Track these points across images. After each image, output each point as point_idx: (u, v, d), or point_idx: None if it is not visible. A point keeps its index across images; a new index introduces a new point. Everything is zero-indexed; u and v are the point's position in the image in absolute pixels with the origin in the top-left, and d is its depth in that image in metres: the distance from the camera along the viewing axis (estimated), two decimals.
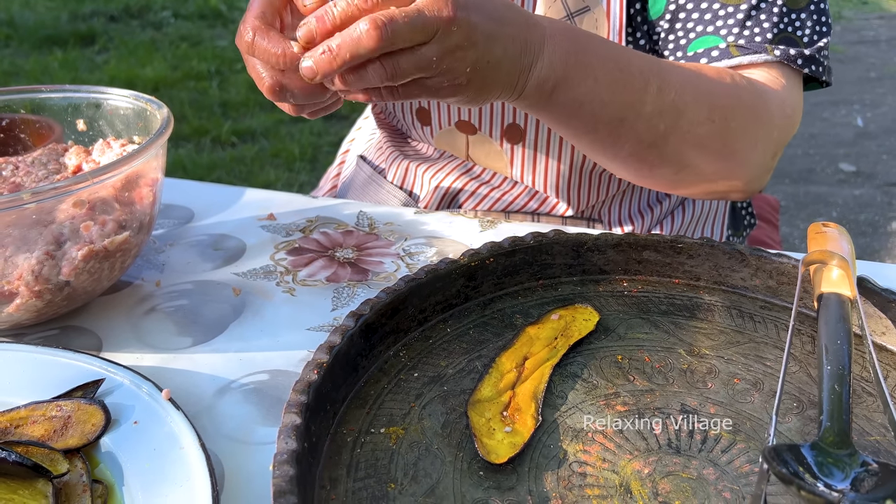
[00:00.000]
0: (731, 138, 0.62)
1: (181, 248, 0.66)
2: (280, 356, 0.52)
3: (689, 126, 0.60)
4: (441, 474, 0.41)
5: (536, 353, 0.49)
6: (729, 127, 0.62)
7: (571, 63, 0.54)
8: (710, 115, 0.60)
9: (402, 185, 0.85)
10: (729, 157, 0.63)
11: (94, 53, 3.72)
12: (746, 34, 0.65)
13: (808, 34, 0.66)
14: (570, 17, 0.69)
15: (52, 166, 0.62)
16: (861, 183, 2.71)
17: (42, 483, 0.39)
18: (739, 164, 0.64)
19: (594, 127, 0.59)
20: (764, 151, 0.65)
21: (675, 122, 0.59)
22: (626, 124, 0.58)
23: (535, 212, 0.80)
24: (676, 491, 0.40)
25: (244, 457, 0.44)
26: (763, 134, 0.64)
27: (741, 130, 0.63)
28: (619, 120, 0.58)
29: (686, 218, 0.83)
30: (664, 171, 0.64)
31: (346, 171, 0.97)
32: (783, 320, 0.53)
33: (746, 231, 0.94)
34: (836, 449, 0.36)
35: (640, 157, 0.62)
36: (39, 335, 0.55)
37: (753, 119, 0.63)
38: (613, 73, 0.56)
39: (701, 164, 0.63)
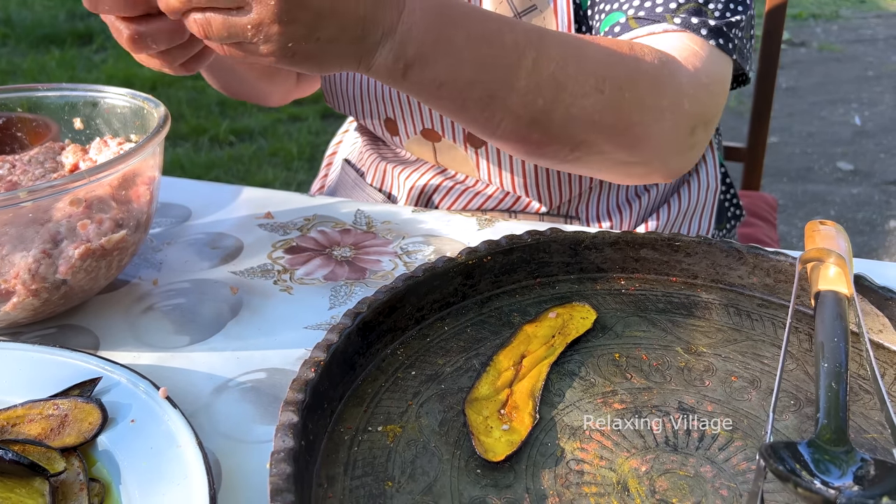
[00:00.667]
0: (627, 110, 0.58)
1: (178, 247, 0.66)
2: (277, 355, 0.52)
3: (573, 99, 0.56)
4: (438, 472, 0.41)
5: (534, 352, 0.49)
6: (623, 98, 0.57)
7: (429, 43, 0.51)
8: (598, 85, 0.56)
9: (381, 187, 0.86)
10: (626, 131, 0.59)
11: (91, 52, 3.72)
12: (647, 5, 0.64)
13: (719, 8, 0.64)
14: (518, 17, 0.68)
15: (48, 165, 0.61)
16: (859, 181, 2.71)
17: (39, 482, 0.39)
18: (642, 138, 0.60)
19: (462, 105, 0.55)
20: (675, 124, 0.60)
21: (556, 96, 0.55)
22: (498, 101, 0.55)
23: (510, 209, 0.80)
24: (674, 488, 0.40)
25: (241, 455, 0.44)
26: (669, 104, 0.59)
27: (638, 101, 0.58)
28: (489, 97, 0.54)
29: (672, 214, 0.83)
30: (556, 149, 0.59)
31: (332, 173, 0.98)
32: (780, 318, 0.53)
33: (731, 223, 0.93)
34: (833, 446, 0.36)
35: (522, 135, 0.58)
36: (36, 334, 0.54)
37: (654, 88, 0.59)
38: (481, 49, 0.53)
39: (596, 139, 0.59)
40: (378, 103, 0.79)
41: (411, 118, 0.78)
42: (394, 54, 0.50)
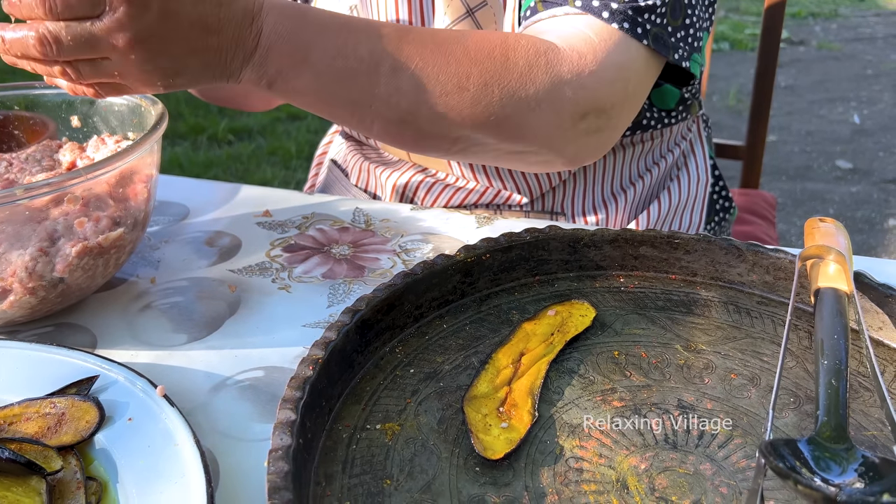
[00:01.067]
0: (496, 104, 0.58)
1: (176, 245, 0.66)
2: (275, 353, 0.52)
3: (437, 98, 0.56)
4: (437, 470, 0.41)
5: (533, 349, 0.49)
6: (490, 92, 0.57)
7: (287, 61, 0.53)
8: (461, 83, 0.56)
9: (365, 187, 0.86)
10: (502, 123, 0.58)
11: None
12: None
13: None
14: (470, 13, 0.69)
15: (46, 163, 0.61)
16: (858, 180, 2.71)
17: (36, 480, 0.39)
18: (520, 129, 0.59)
19: (330, 112, 0.58)
20: (555, 112, 0.59)
21: (418, 97, 0.56)
22: (362, 106, 0.56)
23: (492, 203, 0.80)
24: (673, 486, 0.40)
25: (239, 453, 0.44)
26: (544, 93, 0.58)
27: (507, 94, 0.58)
28: (353, 104, 0.56)
29: (663, 209, 0.83)
30: (435, 144, 0.61)
31: (321, 174, 0.98)
32: (780, 315, 0.53)
33: (720, 215, 0.92)
34: (833, 443, 0.36)
35: (395, 133, 0.59)
36: (33, 332, 0.54)
37: (524, 80, 0.58)
38: (336, 62, 0.54)
39: (472, 133, 0.59)
40: None
41: None
42: (256, 73, 0.53)
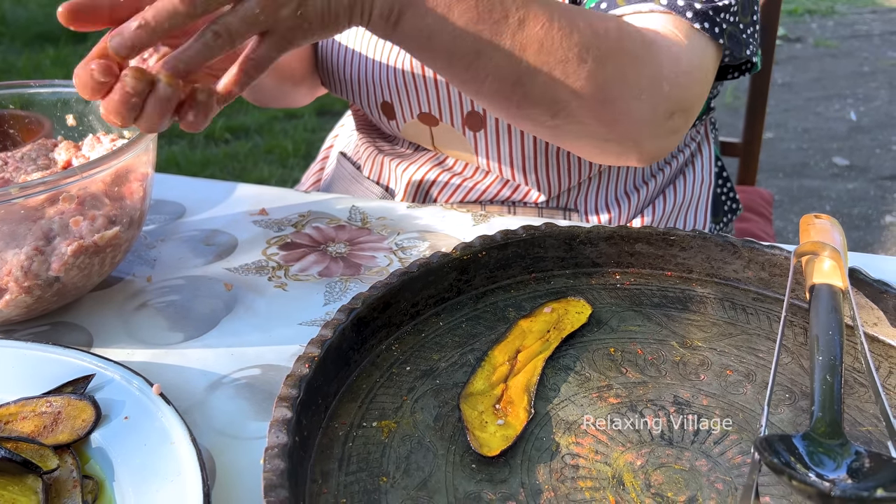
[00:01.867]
0: (608, 83, 0.58)
1: (172, 244, 0.66)
2: (272, 351, 0.52)
3: (557, 64, 0.56)
4: (433, 467, 0.41)
5: (529, 346, 0.49)
6: (605, 70, 0.58)
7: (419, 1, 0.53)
8: (582, 54, 0.57)
9: (378, 180, 0.85)
10: (606, 103, 0.59)
11: (86, 50, 3.69)
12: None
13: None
14: None
15: (41, 162, 0.61)
16: (854, 177, 2.72)
17: (32, 479, 0.39)
18: (621, 114, 0.60)
19: (448, 60, 0.56)
20: (653, 106, 0.61)
21: (540, 59, 0.56)
22: (483, 58, 0.56)
23: (508, 200, 0.80)
24: (669, 482, 0.40)
25: (235, 451, 0.44)
26: (647, 84, 0.60)
27: (619, 76, 0.59)
28: (475, 53, 0.55)
29: (668, 206, 0.83)
30: (536, 113, 0.60)
31: (328, 167, 0.97)
32: (775, 312, 0.53)
33: (728, 216, 0.93)
34: (828, 439, 0.36)
35: (505, 94, 0.59)
36: (29, 331, 0.54)
37: (635, 66, 0.59)
38: (468, 2, 0.53)
39: (576, 108, 0.59)
40: (375, 87, 0.78)
41: (408, 102, 0.77)
42: (386, 6, 0.52)
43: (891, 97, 3.42)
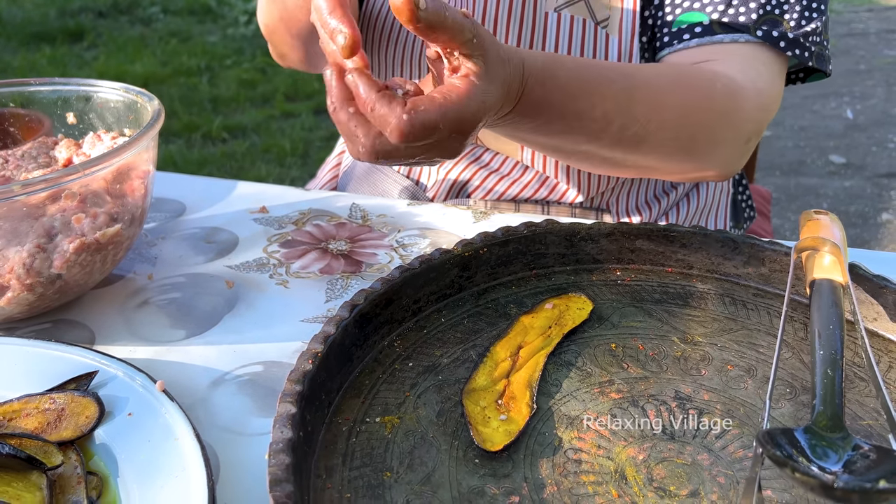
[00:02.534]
0: (696, 148, 0.63)
1: (173, 242, 0.66)
2: (274, 348, 0.52)
3: (650, 148, 0.61)
4: (437, 462, 0.41)
5: (531, 342, 0.49)
6: (695, 139, 0.63)
7: (528, 125, 0.56)
8: (676, 133, 0.61)
9: (408, 174, 0.83)
10: (692, 159, 0.64)
11: (82, 50, 3.70)
12: (731, 12, 0.65)
13: (795, 17, 0.66)
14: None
15: (42, 160, 0.61)
16: (851, 174, 2.72)
17: (36, 475, 0.39)
18: (705, 162, 0.65)
19: (546, 152, 0.64)
20: (733, 146, 0.65)
21: (636, 148, 0.61)
22: (580, 155, 0.62)
23: (544, 200, 0.79)
24: (671, 476, 0.40)
25: (239, 447, 0.44)
26: (732, 134, 0.64)
27: (707, 140, 0.63)
28: (570, 153, 0.61)
29: (690, 209, 0.83)
30: (625, 173, 0.67)
31: (346, 159, 0.96)
32: (776, 307, 0.54)
33: (746, 224, 0.94)
34: (830, 432, 0.36)
35: (598, 169, 0.66)
36: (31, 329, 0.54)
37: (723, 124, 0.64)
38: (572, 123, 0.57)
39: (663, 167, 0.65)
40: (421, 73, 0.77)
41: None
42: (500, 124, 0.55)
43: (887, 95, 3.43)
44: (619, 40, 0.70)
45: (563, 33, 0.70)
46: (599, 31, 0.70)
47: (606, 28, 0.70)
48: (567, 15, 0.69)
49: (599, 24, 0.69)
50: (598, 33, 0.70)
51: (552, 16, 0.70)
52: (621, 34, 0.70)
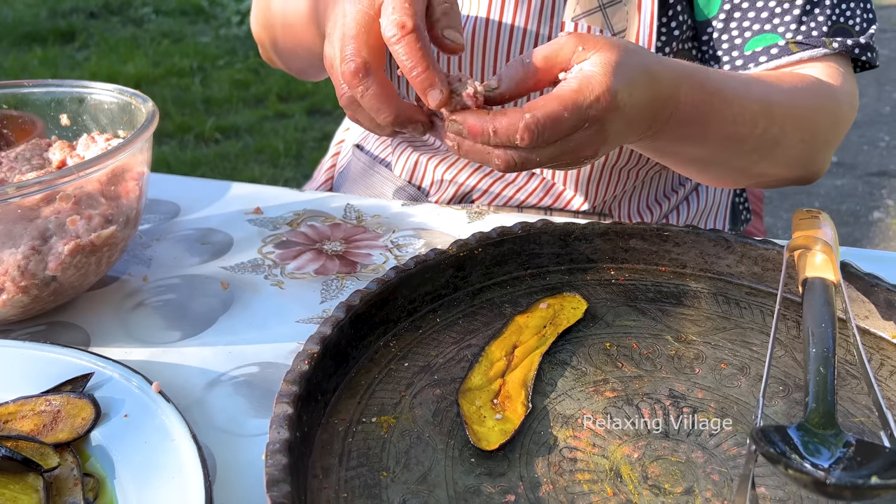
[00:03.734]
0: (817, 151, 0.64)
1: (168, 243, 0.66)
2: (269, 349, 0.52)
3: (783, 151, 0.61)
4: (433, 462, 0.41)
5: (526, 342, 0.49)
6: (817, 141, 0.63)
7: (685, 135, 0.55)
8: (804, 135, 0.62)
9: (410, 178, 0.81)
10: (811, 163, 0.65)
11: (74, 50, 3.69)
12: (804, 30, 0.66)
13: (858, 23, 0.67)
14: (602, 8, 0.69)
15: (35, 161, 0.61)
16: (843, 173, 2.73)
17: (33, 477, 0.39)
18: (816, 165, 0.66)
19: (680, 167, 0.62)
20: (835, 147, 0.67)
21: (771, 152, 0.61)
22: (720, 165, 0.61)
23: (549, 207, 0.79)
24: (666, 474, 0.40)
25: (236, 448, 0.44)
26: (839, 137, 0.66)
27: (825, 142, 0.65)
28: (711, 162, 0.60)
29: (690, 212, 0.84)
30: (741, 182, 0.68)
31: (341, 161, 0.95)
32: (769, 306, 0.54)
33: (743, 226, 0.95)
34: (822, 429, 0.37)
35: (724, 181, 0.66)
36: (26, 331, 0.54)
37: (835, 126, 0.65)
38: (727, 130, 0.57)
39: (782, 174, 0.65)
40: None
41: None
42: (653, 144, 0.56)
43: (878, 94, 3.45)
44: None
45: None
46: None
47: None
48: (584, 25, 0.69)
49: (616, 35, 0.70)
50: None
51: (569, 25, 0.69)
52: None
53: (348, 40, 0.46)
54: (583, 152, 0.47)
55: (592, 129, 0.45)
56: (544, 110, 0.44)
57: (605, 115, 0.45)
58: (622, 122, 0.47)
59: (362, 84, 0.46)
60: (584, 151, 0.47)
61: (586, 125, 0.45)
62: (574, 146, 0.46)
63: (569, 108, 0.44)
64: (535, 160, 0.45)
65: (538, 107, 0.44)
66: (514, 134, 0.44)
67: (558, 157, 0.46)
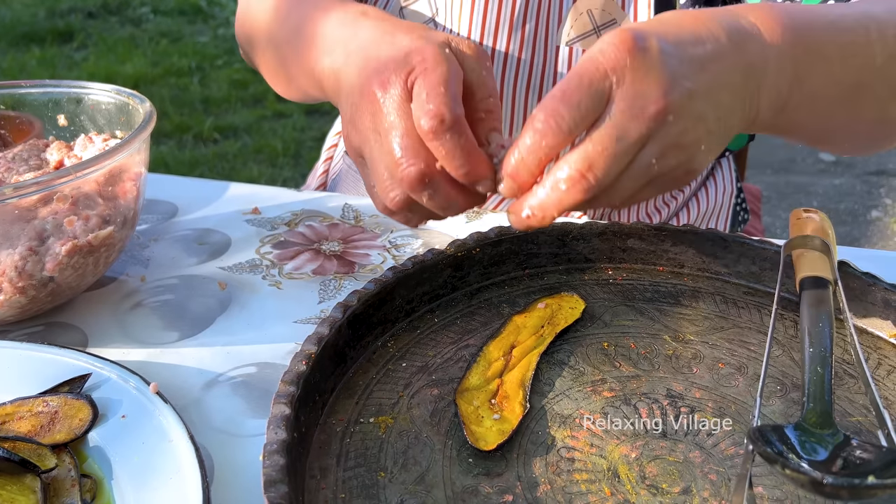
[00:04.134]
0: None
1: (166, 244, 0.66)
2: (267, 349, 0.52)
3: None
4: (430, 462, 0.41)
5: (523, 342, 0.49)
6: None
7: (800, 61, 0.43)
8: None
9: None
10: None
11: (72, 51, 3.68)
12: None
13: None
14: (596, 31, 0.67)
15: (33, 162, 0.61)
16: (841, 172, 2.74)
17: (30, 478, 0.39)
18: None
19: (831, 112, 0.47)
20: None
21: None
22: (864, 88, 0.48)
23: None
24: (663, 474, 0.41)
25: (233, 449, 0.44)
26: None
27: None
28: (856, 87, 0.47)
29: (692, 216, 0.84)
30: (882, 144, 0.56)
31: (334, 165, 0.95)
32: (766, 305, 0.54)
33: (740, 227, 0.95)
34: (819, 429, 0.37)
35: (884, 118, 0.51)
36: (23, 332, 0.54)
37: None
38: (838, 39, 0.45)
39: None
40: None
41: None
42: (773, 95, 0.43)
43: None
44: None
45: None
46: None
47: None
48: (578, 49, 0.68)
49: None
50: None
51: (563, 50, 0.68)
52: None
53: (401, 140, 0.40)
54: (682, 155, 0.37)
55: (627, 83, 0.36)
56: (585, 153, 0.37)
57: (634, 59, 0.36)
58: (675, 62, 0.36)
59: (428, 189, 0.40)
60: (681, 154, 0.37)
61: (614, 79, 0.36)
62: (656, 158, 0.37)
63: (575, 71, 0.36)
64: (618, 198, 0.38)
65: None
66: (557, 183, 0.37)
67: (643, 175, 0.37)
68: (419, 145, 0.40)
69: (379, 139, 0.41)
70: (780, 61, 0.41)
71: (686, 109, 0.36)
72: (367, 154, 0.43)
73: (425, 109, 0.39)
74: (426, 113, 0.39)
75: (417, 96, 0.40)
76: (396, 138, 0.40)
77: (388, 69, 0.41)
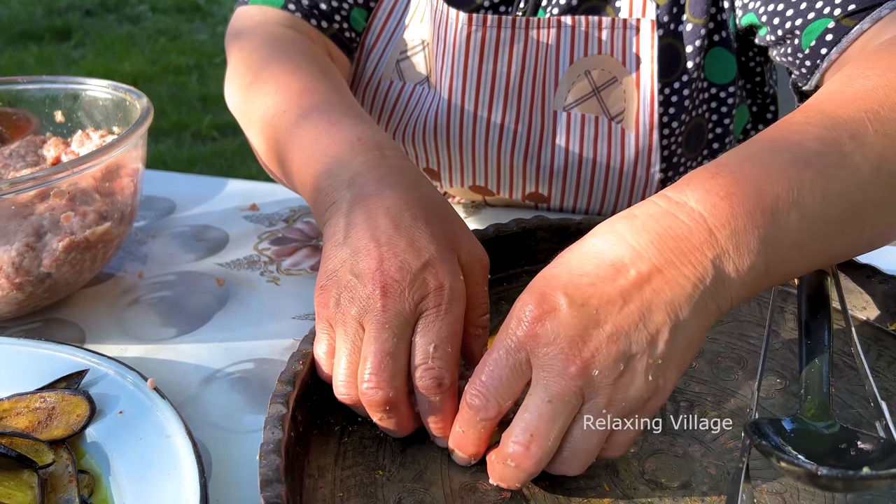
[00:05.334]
0: None
1: (163, 240, 0.66)
2: (265, 345, 0.52)
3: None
4: (429, 460, 0.41)
5: None
6: None
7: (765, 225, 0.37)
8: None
9: None
10: None
11: (70, 48, 3.68)
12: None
13: None
14: (595, 92, 0.65)
15: (30, 158, 0.61)
16: None
17: (27, 474, 0.38)
18: None
19: (829, 246, 0.41)
20: None
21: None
22: (857, 207, 0.40)
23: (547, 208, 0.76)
24: (663, 469, 0.40)
25: (231, 445, 0.44)
26: None
27: None
28: (847, 210, 0.40)
29: None
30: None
31: None
32: (765, 298, 0.54)
33: None
34: (817, 421, 0.37)
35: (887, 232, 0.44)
36: (21, 328, 0.54)
37: None
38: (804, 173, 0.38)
39: None
40: (418, 151, 0.72)
41: (460, 175, 0.72)
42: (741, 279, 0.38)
43: None
44: (636, 135, 0.65)
45: (573, 132, 0.66)
46: (614, 126, 0.65)
47: (622, 123, 0.65)
48: (577, 114, 0.65)
49: (614, 119, 0.65)
50: (612, 129, 0.65)
51: (561, 115, 0.66)
52: (638, 128, 0.65)
53: (379, 360, 0.39)
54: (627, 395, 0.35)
55: (542, 351, 0.35)
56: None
57: (541, 325, 0.35)
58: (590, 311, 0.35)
59: (385, 414, 0.40)
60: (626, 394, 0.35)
61: (528, 349, 0.36)
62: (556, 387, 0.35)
63: (495, 345, 0.37)
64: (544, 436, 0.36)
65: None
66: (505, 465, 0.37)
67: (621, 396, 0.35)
68: (400, 372, 0.39)
69: (359, 336, 0.40)
70: (736, 238, 0.37)
71: (611, 356, 0.35)
72: (337, 333, 0.41)
73: (427, 368, 0.39)
74: (428, 373, 0.39)
75: (423, 348, 0.40)
76: (376, 355, 0.39)
77: (403, 276, 0.40)
